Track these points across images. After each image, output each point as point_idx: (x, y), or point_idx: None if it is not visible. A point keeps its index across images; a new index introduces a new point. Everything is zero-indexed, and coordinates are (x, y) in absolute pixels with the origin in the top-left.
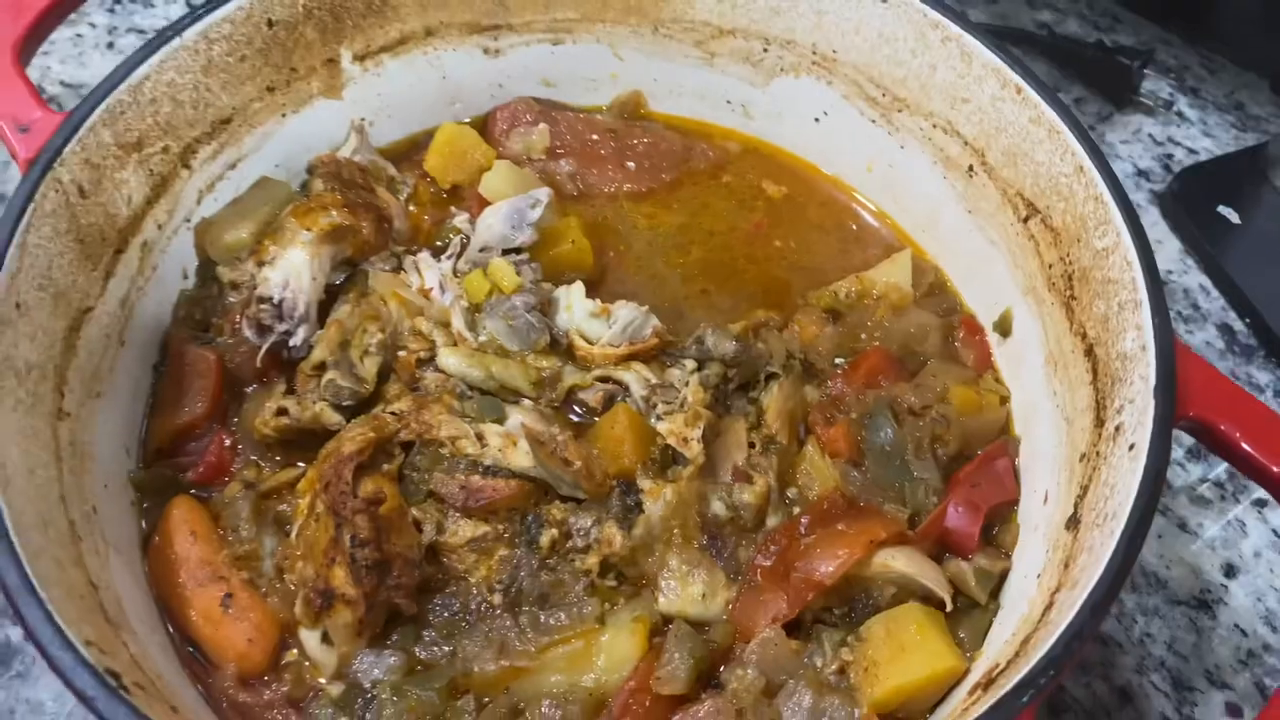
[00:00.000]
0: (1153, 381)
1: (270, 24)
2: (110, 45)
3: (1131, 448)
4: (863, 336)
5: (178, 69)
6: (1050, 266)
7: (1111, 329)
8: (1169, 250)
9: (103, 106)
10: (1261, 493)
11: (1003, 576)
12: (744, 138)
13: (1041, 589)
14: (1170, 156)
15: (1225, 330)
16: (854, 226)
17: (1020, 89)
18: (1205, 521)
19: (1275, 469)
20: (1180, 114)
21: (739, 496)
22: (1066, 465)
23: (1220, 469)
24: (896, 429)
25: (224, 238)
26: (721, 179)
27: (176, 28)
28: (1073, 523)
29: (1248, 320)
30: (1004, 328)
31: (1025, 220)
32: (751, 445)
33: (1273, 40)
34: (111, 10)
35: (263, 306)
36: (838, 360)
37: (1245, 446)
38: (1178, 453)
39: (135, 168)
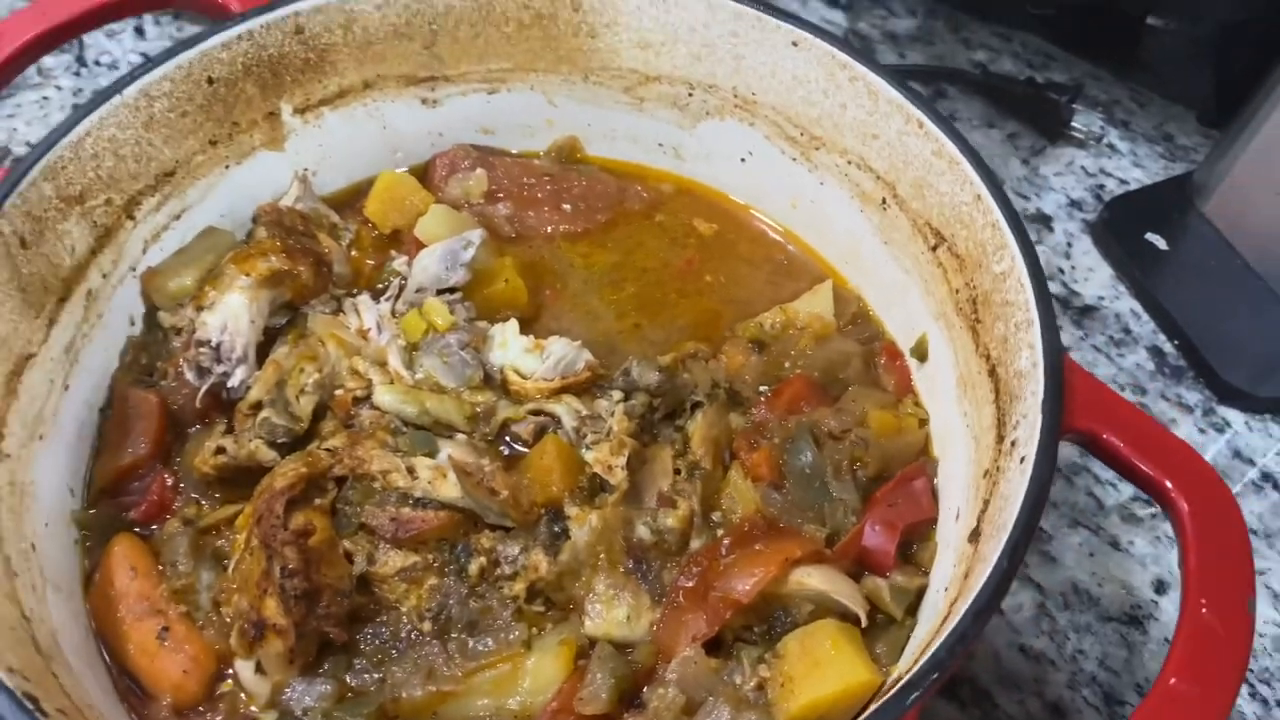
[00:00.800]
0: (1041, 396)
1: (210, 81)
2: (76, 107)
3: (1022, 460)
4: (786, 365)
5: (119, 125)
6: (957, 292)
7: (1010, 349)
8: (1100, 277)
9: (43, 162)
10: None
11: (920, 592)
12: (676, 179)
13: (945, 600)
14: (1102, 187)
15: (1155, 352)
16: (782, 260)
17: (922, 123)
18: (1136, 539)
19: (1154, 474)
20: (1111, 146)
21: (663, 521)
22: (974, 482)
23: None
24: (816, 453)
25: (168, 285)
26: (655, 218)
27: (117, 86)
28: (974, 536)
29: (1176, 342)
30: (920, 352)
31: (934, 249)
32: (677, 472)
33: (1198, 74)
34: (77, 74)
35: (201, 350)
36: (762, 388)
37: (1128, 455)
38: (1109, 473)
39: (78, 219)
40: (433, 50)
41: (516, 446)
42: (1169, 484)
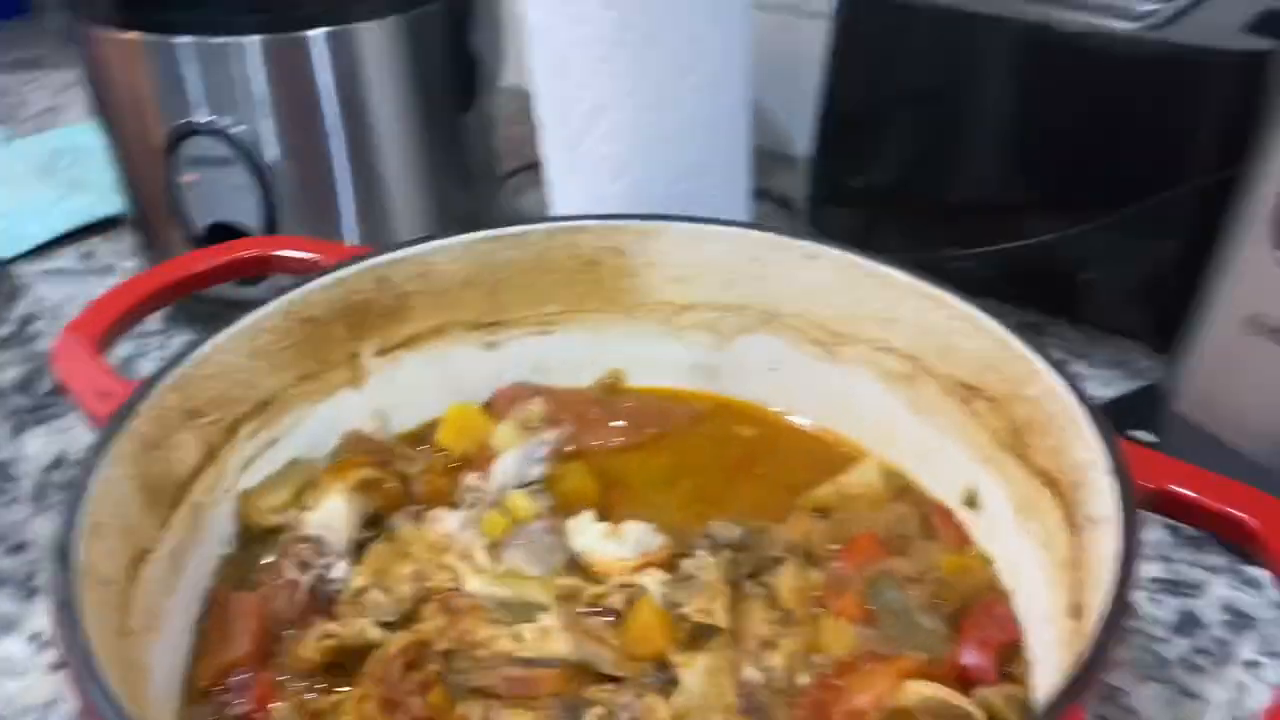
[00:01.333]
0: (1107, 463)
1: (308, 320)
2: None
3: (1103, 521)
4: (849, 527)
5: (234, 351)
6: (996, 431)
7: (1062, 453)
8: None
9: (174, 373)
10: (1250, 651)
11: (1027, 700)
12: (712, 397)
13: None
14: None
15: (1171, 529)
16: (823, 451)
17: (939, 298)
18: (1206, 685)
19: (1232, 511)
20: (1078, 373)
21: (768, 660)
22: (1058, 583)
23: (1206, 637)
24: (900, 592)
25: (266, 500)
26: (699, 429)
27: (232, 317)
28: (1074, 611)
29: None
30: (971, 501)
31: (966, 402)
32: (771, 624)
33: (1137, 313)
34: None
35: (303, 545)
36: (832, 547)
37: (1201, 500)
38: (1159, 629)
39: (192, 433)
40: (495, 298)
41: (608, 619)
42: (1246, 517)
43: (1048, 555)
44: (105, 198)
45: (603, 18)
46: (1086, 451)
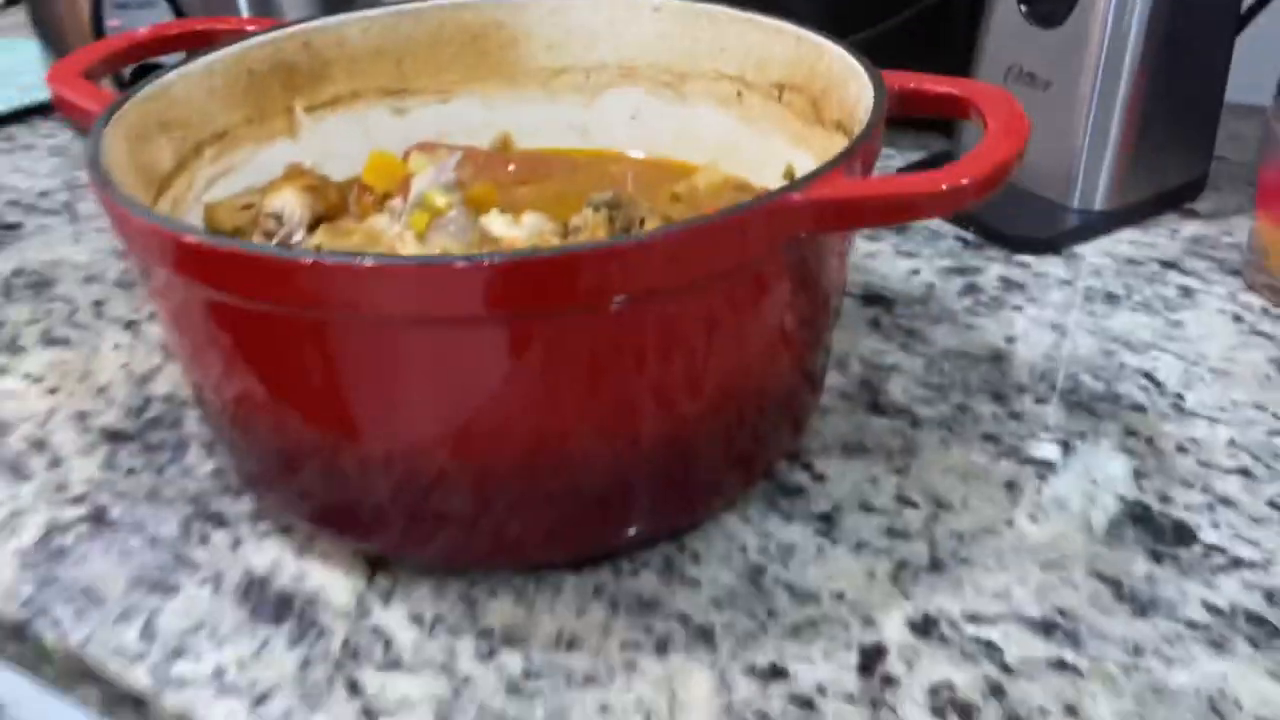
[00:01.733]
0: (868, 79)
1: (250, 73)
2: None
3: (865, 112)
4: (697, 205)
5: (193, 85)
6: (802, 111)
7: (845, 100)
8: None
9: (147, 89)
10: (1018, 300)
11: None
12: (587, 151)
13: None
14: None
15: (960, 240)
16: (678, 172)
17: (752, 19)
18: (983, 322)
19: (952, 91)
20: (886, 153)
21: None
22: None
23: (985, 296)
24: None
25: (227, 204)
26: (579, 173)
27: (194, 57)
28: None
29: (971, 229)
30: (790, 176)
31: (780, 97)
32: None
33: None
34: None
35: (268, 219)
36: (687, 215)
37: (932, 88)
38: (949, 297)
39: (165, 141)
40: (400, 68)
41: None
42: (957, 91)
43: None
44: (16, 94)
45: None
46: (857, 83)
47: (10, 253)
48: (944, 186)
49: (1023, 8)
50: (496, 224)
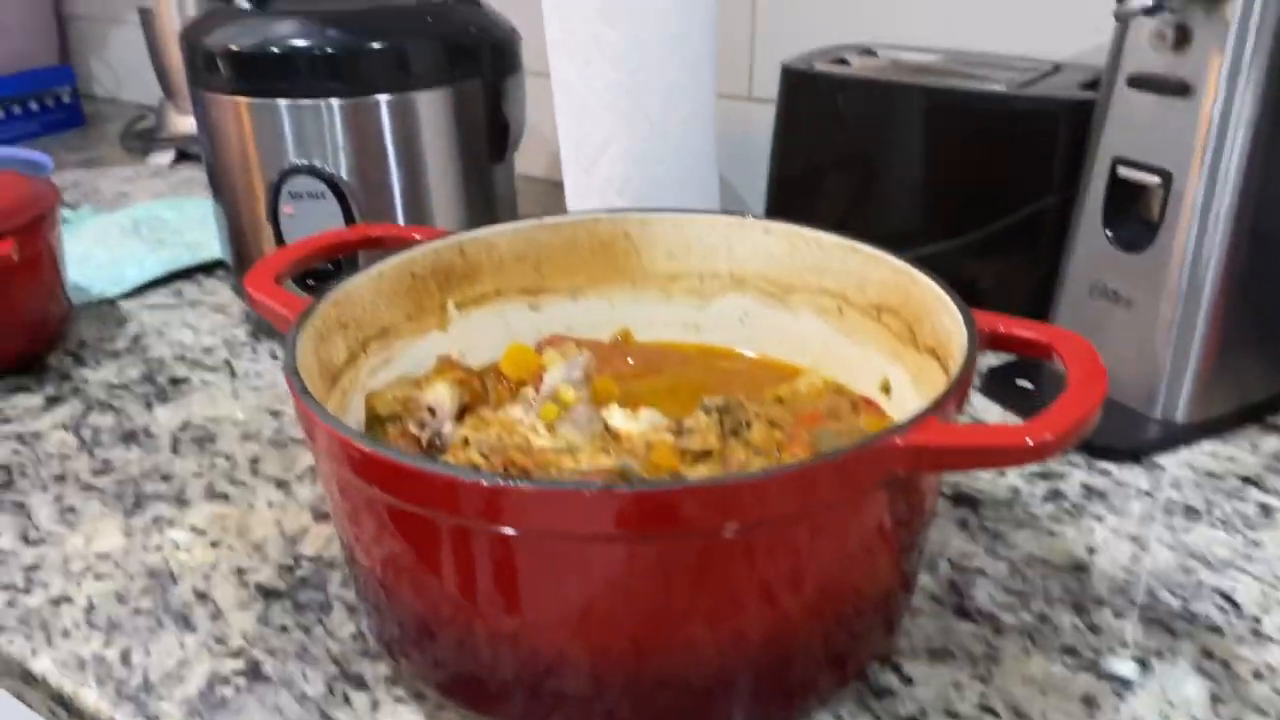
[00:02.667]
0: (960, 319)
1: (413, 275)
2: (235, 394)
3: (959, 353)
4: (800, 410)
5: (366, 288)
6: (899, 332)
7: (938, 329)
8: (994, 413)
9: (331, 296)
10: (1100, 510)
11: None
12: (698, 346)
13: None
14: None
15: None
16: (781, 372)
17: (854, 247)
18: (1065, 529)
19: (1037, 337)
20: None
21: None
22: None
23: (1067, 503)
24: (835, 435)
25: (385, 394)
26: (689, 366)
27: (368, 267)
28: None
29: None
30: (885, 389)
31: (878, 318)
32: (746, 457)
33: (1026, 306)
34: (231, 379)
35: (423, 410)
36: (789, 418)
37: (1019, 332)
38: (1033, 501)
39: (340, 338)
40: (538, 270)
41: None
42: (1041, 337)
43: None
44: (184, 253)
45: (610, 75)
46: (950, 318)
47: (179, 406)
48: (1029, 441)
49: (1108, 232)
50: (616, 417)
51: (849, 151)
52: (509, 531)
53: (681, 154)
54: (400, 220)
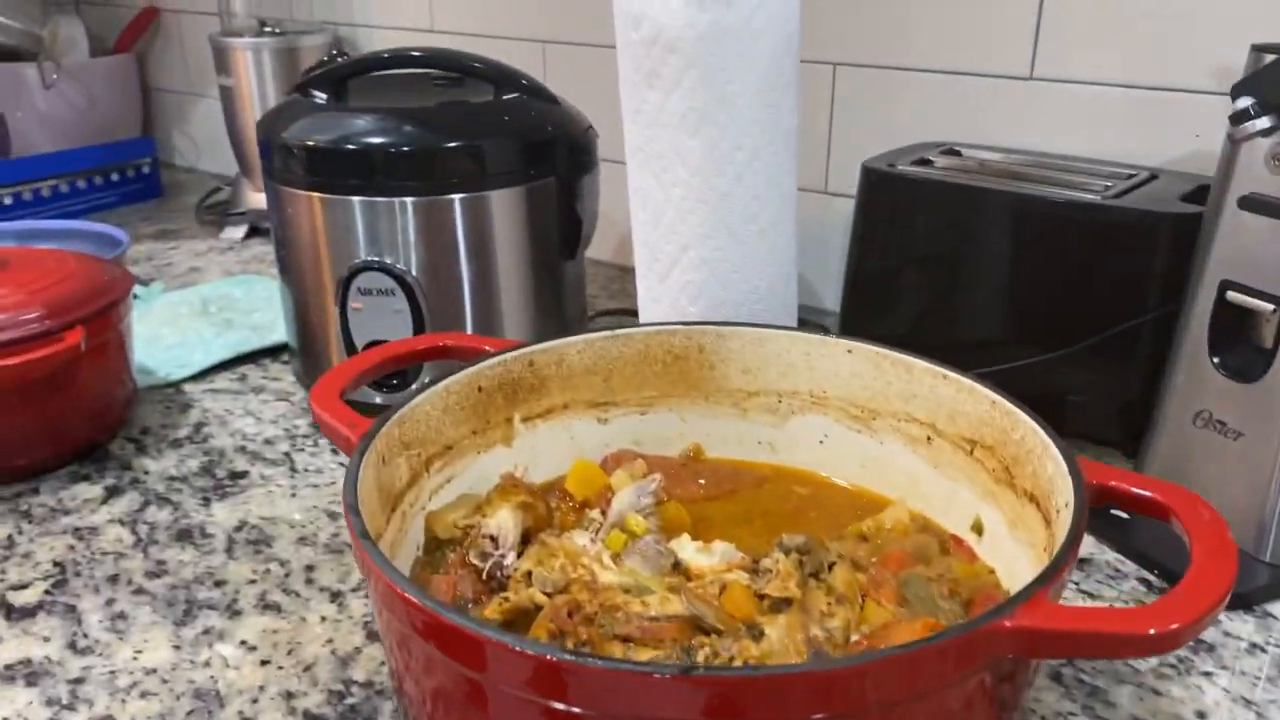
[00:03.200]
0: (1065, 469)
1: (480, 389)
2: (293, 494)
3: (1064, 508)
4: (885, 548)
5: (432, 405)
6: (993, 470)
7: (1039, 475)
8: (1086, 543)
9: (398, 414)
10: (1207, 666)
11: None
12: (773, 466)
13: None
14: None
15: (1144, 581)
16: (862, 503)
17: (946, 375)
18: (1170, 687)
19: (1155, 495)
20: None
21: (829, 624)
22: (1039, 563)
23: (1173, 656)
24: (925, 584)
25: (447, 517)
26: (763, 488)
27: (435, 382)
28: None
29: (1156, 571)
30: (978, 529)
31: (971, 452)
32: (828, 604)
33: (1118, 426)
34: (291, 477)
35: (485, 539)
36: (873, 559)
37: (1132, 489)
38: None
39: (403, 459)
40: (608, 383)
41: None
42: (1158, 495)
43: (1032, 551)
44: (251, 335)
45: (689, 182)
46: (1054, 466)
47: (236, 504)
48: (1152, 631)
49: (1215, 359)
50: (688, 550)
51: (930, 254)
52: (577, 711)
53: (760, 265)
54: (468, 317)
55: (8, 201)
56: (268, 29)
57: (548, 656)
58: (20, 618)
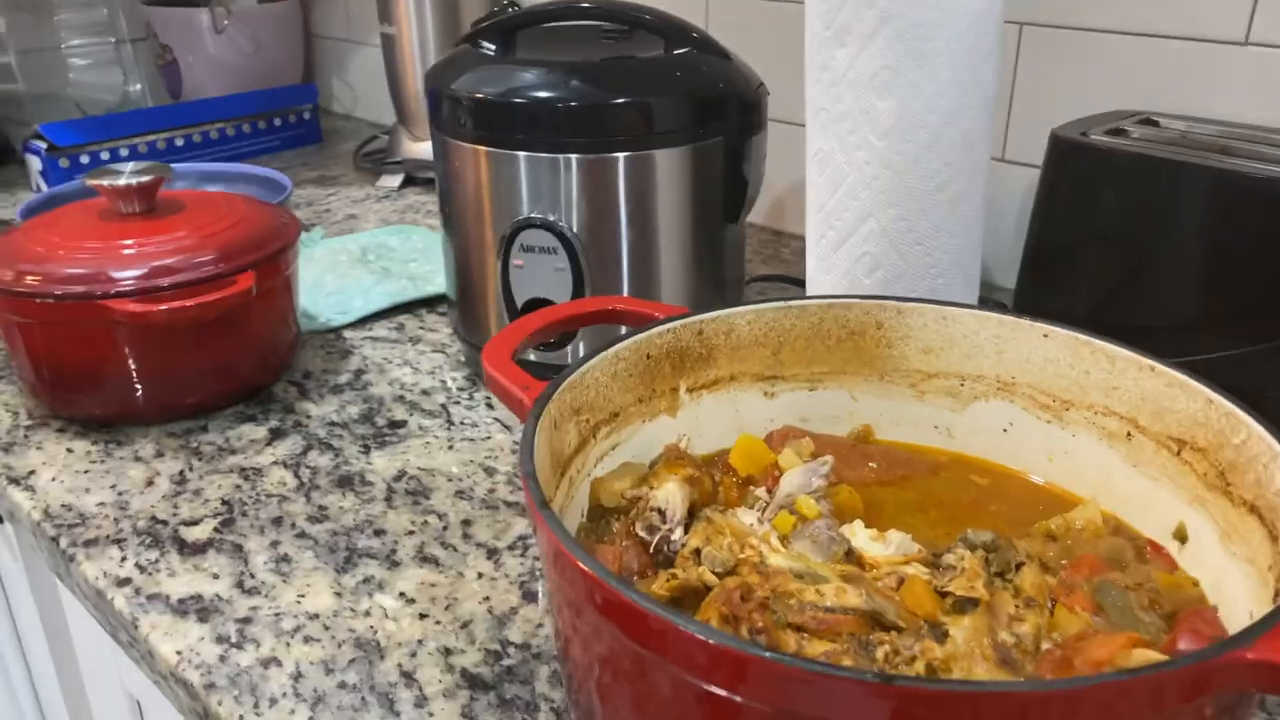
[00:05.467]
0: None
1: (648, 356)
2: (450, 445)
3: None
4: (1075, 550)
5: (601, 371)
6: (1204, 475)
7: (1264, 484)
8: None
9: (567, 380)
10: None
11: None
12: (950, 453)
13: None
14: None
15: None
16: (1048, 499)
17: (1154, 367)
18: None
19: None
20: None
21: (1018, 629)
22: (1261, 583)
23: None
24: (1123, 592)
25: (612, 486)
26: (939, 475)
27: (606, 346)
28: (1276, 595)
29: None
30: (1181, 536)
31: (1178, 453)
32: (1017, 607)
33: None
34: (448, 429)
35: (652, 512)
36: (1062, 562)
37: None
38: None
39: (573, 425)
40: (777, 356)
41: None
42: None
43: (1253, 567)
44: (408, 285)
45: (876, 146)
46: None
47: (395, 453)
48: None
49: None
50: (861, 538)
51: (1120, 232)
52: (758, 707)
53: (944, 238)
54: (625, 278)
55: (179, 143)
56: None
57: (737, 649)
58: (192, 553)
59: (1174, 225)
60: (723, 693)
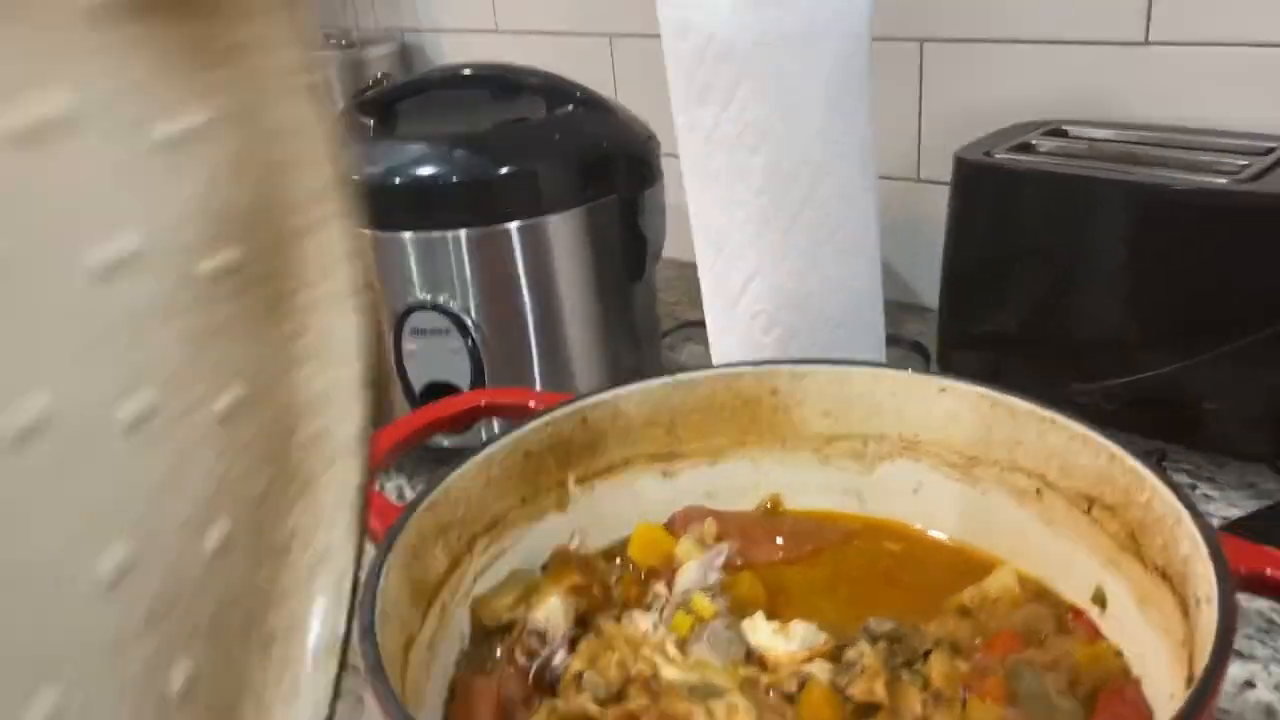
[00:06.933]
0: (1206, 552)
1: (527, 454)
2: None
3: (1205, 603)
4: (991, 625)
5: (472, 480)
6: (1115, 535)
7: (1170, 548)
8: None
9: (429, 499)
10: None
11: None
12: (861, 517)
13: None
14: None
15: None
16: (963, 562)
17: (1055, 420)
18: None
19: None
20: (1205, 495)
21: None
22: (1177, 660)
23: None
24: (1037, 676)
25: (493, 604)
26: (850, 545)
27: (474, 453)
28: (1189, 681)
29: None
30: (1100, 600)
31: (1088, 511)
32: (924, 703)
33: (1266, 438)
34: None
35: (531, 636)
36: (975, 641)
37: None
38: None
39: (440, 546)
40: (672, 434)
41: (784, 700)
42: None
43: (1168, 639)
44: None
45: (753, 204)
46: (1190, 544)
47: None
48: None
49: None
50: (763, 633)
51: (1038, 249)
52: None
53: (837, 289)
54: (533, 350)
55: None
56: (332, 41)
57: None
58: None
59: (1091, 241)
60: None
